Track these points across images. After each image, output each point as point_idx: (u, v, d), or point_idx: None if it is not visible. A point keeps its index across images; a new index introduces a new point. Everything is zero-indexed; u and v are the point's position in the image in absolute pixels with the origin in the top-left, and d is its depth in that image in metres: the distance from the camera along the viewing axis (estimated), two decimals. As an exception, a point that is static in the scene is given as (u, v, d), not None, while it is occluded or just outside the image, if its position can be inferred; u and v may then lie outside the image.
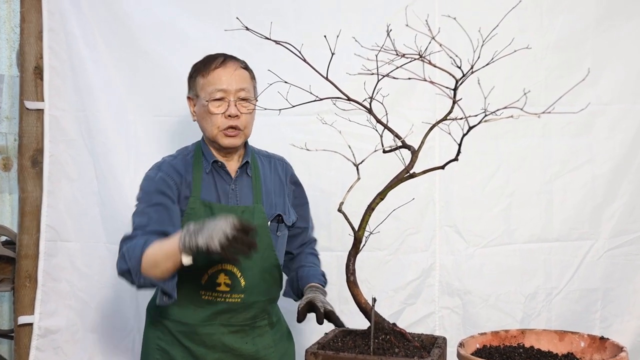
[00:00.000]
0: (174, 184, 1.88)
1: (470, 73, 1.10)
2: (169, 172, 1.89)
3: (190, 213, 1.88)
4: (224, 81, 1.87)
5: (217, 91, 1.87)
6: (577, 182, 2.61)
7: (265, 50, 2.49)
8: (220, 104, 1.87)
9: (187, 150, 1.98)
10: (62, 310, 2.62)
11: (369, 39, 1.24)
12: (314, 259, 2.09)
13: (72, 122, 2.61)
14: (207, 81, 1.89)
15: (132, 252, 1.74)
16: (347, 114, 1.40)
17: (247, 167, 1.96)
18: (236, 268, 1.90)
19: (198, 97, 1.91)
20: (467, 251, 2.61)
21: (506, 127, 2.54)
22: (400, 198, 1.90)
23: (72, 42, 2.57)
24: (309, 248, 2.12)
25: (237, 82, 1.88)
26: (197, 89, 1.91)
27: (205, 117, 1.90)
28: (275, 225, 1.97)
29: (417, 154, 1.24)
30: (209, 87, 1.88)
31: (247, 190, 1.94)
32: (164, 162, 1.93)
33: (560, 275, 2.62)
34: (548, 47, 2.57)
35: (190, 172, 1.92)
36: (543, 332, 1.52)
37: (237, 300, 1.92)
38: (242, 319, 1.95)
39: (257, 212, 1.92)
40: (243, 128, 1.90)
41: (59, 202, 2.61)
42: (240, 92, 1.88)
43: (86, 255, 2.62)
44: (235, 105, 1.87)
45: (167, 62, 2.53)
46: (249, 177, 1.96)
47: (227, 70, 1.89)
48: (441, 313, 2.61)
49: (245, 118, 1.89)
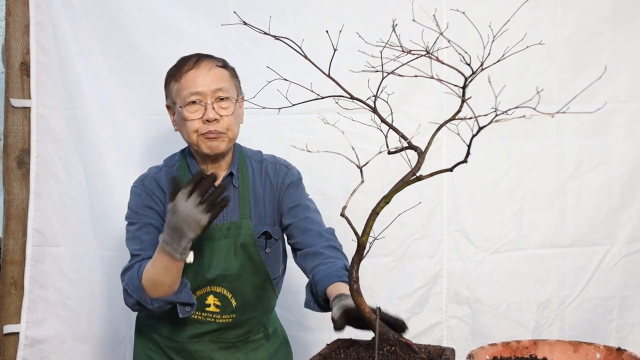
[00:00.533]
0: (159, 201, 1.87)
1: (480, 70, 1.09)
2: (152, 188, 1.88)
3: None
4: (198, 83, 1.80)
5: (192, 95, 1.79)
6: (592, 184, 2.60)
7: (264, 46, 2.50)
8: (196, 108, 1.80)
9: (174, 161, 1.95)
10: (49, 319, 2.62)
11: (373, 34, 1.24)
12: (331, 252, 1.85)
13: (61, 120, 2.60)
14: (180, 85, 1.82)
15: (132, 283, 1.76)
16: (349, 113, 1.40)
17: (233, 177, 1.90)
18: (226, 290, 1.88)
19: (174, 105, 1.85)
20: (476, 257, 2.60)
21: (517, 126, 2.53)
22: (406, 201, 1.89)
23: (61, 36, 2.57)
24: (324, 240, 1.87)
25: (213, 82, 1.81)
26: (173, 95, 1.85)
27: (183, 124, 1.83)
28: (264, 241, 1.91)
29: (424, 155, 1.24)
30: (183, 91, 1.81)
31: (234, 203, 1.89)
32: (147, 176, 1.91)
33: (575, 283, 2.61)
34: (562, 42, 2.56)
35: None
36: (556, 342, 1.51)
37: (228, 321, 1.91)
38: (234, 335, 1.94)
39: (244, 228, 1.87)
40: (225, 131, 1.82)
41: (47, 204, 2.61)
42: (217, 92, 1.81)
43: (75, 260, 2.62)
44: (213, 108, 1.79)
45: (160, 58, 2.53)
46: (236, 189, 1.90)
47: (200, 71, 1.81)
48: (449, 322, 2.61)
49: (227, 120, 1.82)
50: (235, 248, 1.87)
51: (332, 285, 1.65)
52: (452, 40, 1.08)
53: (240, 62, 2.41)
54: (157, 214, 1.86)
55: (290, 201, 1.92)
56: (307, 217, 1.91)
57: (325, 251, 1.81)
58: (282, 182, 1.93)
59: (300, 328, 2.54)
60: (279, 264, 1.99)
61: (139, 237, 1.84)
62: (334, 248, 1.84)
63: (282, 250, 1.99)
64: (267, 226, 1.91)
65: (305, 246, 1.86)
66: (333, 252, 1.82)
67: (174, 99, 1.85)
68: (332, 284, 1.66)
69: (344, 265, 1.74)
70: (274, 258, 1.95)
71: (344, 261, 1.79)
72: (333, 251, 1.83)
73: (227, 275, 1.87)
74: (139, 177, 1.93)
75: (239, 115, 1.87)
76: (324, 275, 1.71)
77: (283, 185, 1.93)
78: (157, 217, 1.86)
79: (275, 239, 1.92)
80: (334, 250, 1.83)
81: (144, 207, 1.86)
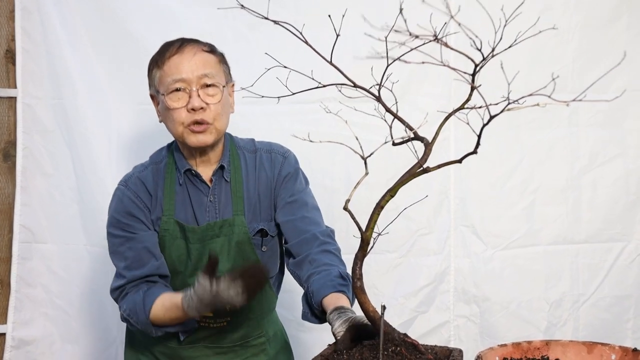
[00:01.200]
0: (143, 206, 1.85)
1: (492, 56, 1.09)
2: (136, 189, 1.86)
3: (165, 236, 1.85)
4: (181, 69, 1.75)
5: (175, 82, 1.75)
6: (607, 177, 2.61)
7: (262, 32, 2.50)
8: (180, 96, 1.76)
9: (161, 156, 1.91)
10: (37, 318, 2.63)
11: (377, 19, 1.24)
12: (326, 258, 1.78)
13: (48, 111, 2.60)
14: (163, 72, 1.78)
15: (137, 318, 1.78)
16: (352, 102, 1.40)
17: (224, 171, 1.87)
18: None
19: (158, 94, 1.82)
20: (485, 254, 2.61)
21: (529, 116, 2.53)
22: (411, 195, 1.89)
23: (48, 22, 2.56)
24: (318, 244, 1.82)
25: (198, 68, 1.76)
26: (156, 83, 1.81)
27: (167, 115, 1.79)
28: (260, 239, 1.88)
29: (431, 146, 1.24)
30: (166, 78, 1.77)
31: (226, 199, 1.86)
32: (131, 177, 1.88)
33: (589, 281, 2.62)
34: (576, 28, 2.56)
35: (160, 186, 1.86)
36: (570, 343, 1.52)
37: (222, 324, 1.90)
38: (230, 340, 1.92)
39: (238, 225, 1.84)
40: (212, 121, 1.77)
41: (34, 199, 2.62)
42: (203, 78, 1.76)
43: (64, 258, 2.63)
44: (198, 96, 1.75)
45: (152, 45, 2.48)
46: (227, 183, 1.86)
47: (184, 56, 1.77)
48: (456, 322, 2.61)
49: (214, 109, 1.77)
50: (228, 247, 1.85)
51: (327, 296, 1.61)
52: (463, 25, 1.09)
53: (236, 48, 2.42)
54: (140, 222, 1.84)
55: (287, 195, 1.88)
56: (303, 217, 1.86)
57: (319, 257, 1.77)
58: (278, 173, 1.89)
59: (300, 328, 2.55)
60: (276, 261, 1.97)
61: (123, 253, 1.84)
62: (329, 253, 1.79)
63: (279, 246, 1.96)
64: (262, 223, 1.88)
65: (298, 253, 1.82)
66: (327, 257, 1.77)
67: (157, 88, 1.82)
68: (327, 295, 1.62)
69: (339, 272, 1.70)
70: (271, 256, 1.92)
71: (340, 267, 1.74)
72: (328, 256, 1.78)
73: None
74: (123, 177, 1.91)
75: (227, 104, 1.83)
76: (318, 286, 1.66)
77: (280, 177, 1.89)
78: (141, 225, 1.84)
79: (271, 236, 1.90)
80: (329, 255, 1.78)
81: (126, 214, 1.84)
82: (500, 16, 1.08)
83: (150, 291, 1.79)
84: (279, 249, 1.97)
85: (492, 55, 1.09)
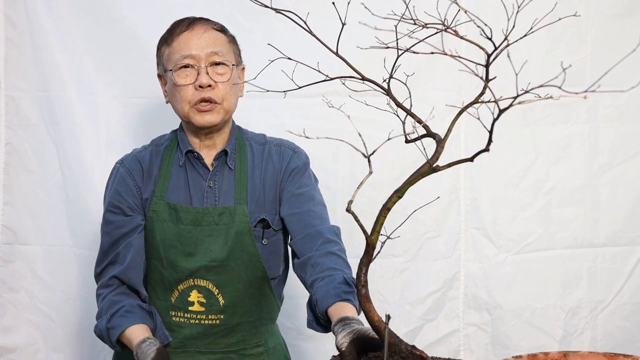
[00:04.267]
0: (134, 184, 1.90)
1: (506, 45, 1.07)
2: (131, 167, 1.91)
3: (152, 217, 1.87)
4: (191, 45, 1.83)
5: (184, 58, 1.82)
6: (628, 176, 2.60)
7: (260, 21, 2.49)
8: (188, 72, 1.83)
9: (163, 140, 1.97)
10: (20, 325, 2.62)
11: (382, 7, 1.22)
12: (329, 261, 1.76)
13: (33, 104, 2.60)
14: (172, 49, 1.85)
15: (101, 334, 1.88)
16: (359, 97, 1.38)
17: (228, 157, 1.90)
18: (212, 284, 1.86)
19: (166, 72, 1.88)
20: (497, 258, 2.60)
21: (544, 112, 2.53)
22: (419, 195, 1.88)
23: (32, 9, 2.55)
24: (322, 244, 1.80)
25: (208, 45, 1.83)
26: (164, 61, 1.88)
27: (174, 93, 1.85)
28: (260, 231, 1.89)
29: (443, 143, 1.22)
30: (174, 55, 1.84)
31: (228, 186, 1.89)
32: (129, 156, 1.95)
33: (608, 287, 2.61)
34: (595, 16, 2.54)
35: (156, 165, 1.90)
36: (589, 354, 1.50)
37: (215, 322, 1.89)
38: (224, 344, 1.91)
39: (239, 214, 1.86)
40: (220, 101, 1.83)
41: (17, 198, 2.61)
42: (212, 56, 1.83)
43: (49, 261, 2.62)
44: (207, 73, 1.82)
45: (144, 34, 2.51)
46: (231, 170, 1.90)
47: (194, 32, 1.84)
48: (466, 331, 2.60)
49: (223, 88, 1.83)
50: (226, 236, 1.85)
51: (332, 306, 1.60)
52: (471, 12, 1.07)
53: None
54: (125, 203, 1.89)
55: (294, 187, 1.90)
56: (310, 210, 1.87)
57: (322, 261, 1.75)
58: (286, 166, 1.92)
59: (300, 336, 2.54)
60: (279, 261, 1.96)
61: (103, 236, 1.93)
62: (333, 255, 1.77)
63: (283, 244, 1.96)
64: (265, 214, 1.89)
65: (302, 252, 1.81)
66: (331, 260, 1.75)
67: (165, 66, 1.87)
68: (332, 304, 1.61)
69: (344, 278, 1.68)
70: (273, 252, 1.92)
71: (344, 271, 1.73)
72: (332, 259, 1.76)
73: (212, 266, 1.85)
74: (123, 156, 1.98)
75: (237, 86, 1.87)
76: (322, 294, 1.65)
77: (287, 169, 1.91)
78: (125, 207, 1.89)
79: (274, 229, 1.91)
80: (333, 258, 1.76)
81: (115, 193, 1.90)
82: (512, 2, 1.06)
83: (114, 321, 1.83)
84: (283, 250, 1.97)
85: (506, 43, 1.07)
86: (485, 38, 1.08)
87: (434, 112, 1.45)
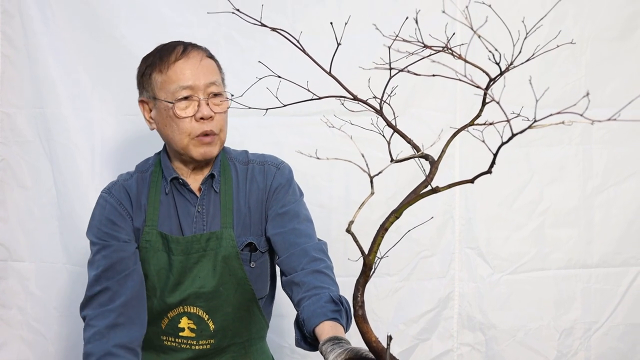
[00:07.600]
0: (126, 213, 1.85)
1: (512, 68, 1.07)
2: (120, 197, 1.86)
3: (146, 247, 1.84)
4: (189, 76, 1.76)
5: (183, 89, 1.76)
6: (621, 197, 2.60)
7: (256, 39, 2.49)
8: (187, 104, 1.77)
9: (147, 165, 1.92)
10: (12, 342, 2.60)
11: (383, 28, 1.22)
12: (315, 280, 1.73)
13: (28, 120, 2.59)
14: (167, 78, 1.78)
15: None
16: (348, 116, 1.37)
17: (214, 180, 1.86)
18: (202, 310, 1.84)
19: (156, 100, 1.81)
20: (491, 278, 2.59)
21: (538, 133, 2.53)
22: (414, 214, 1.87)
23: (29, 26, 2.55)
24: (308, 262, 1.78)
25: (206, 76, 1.78)
26: (154, 88, 1.80)
27: (171, 124, 1.79)
28: (248, 254, 1.86)
29: (437, 164, 1.22)
30: (170, 85, 1.77)
31: (215, 210, 1.85)
32: (115, 184, 1.89)
33: (602, 308, 2.61)
34: (589, 38, 2.56)
35: (144, 194, 1.86)
36: (583, 377, 1.49)
37: (206, 347, 1.87)
38: None
39: (225, 239, 1.83)
40: (219, 132, 1.80)
41: (11, 214, 2.60)
42: (210, 87, 1.78)
43: (42, 277, 2.60)
44: (207, 105, 1.77)
45: (139, 51, 2.48)
46: (217, 194, 1.86)
47: (190, 61, 1.78)
48: (460, 351, 2.59)
49: (220, 119, 1.80)
50: (214, 262, 1.83)
51: (319, 326, 1.59)
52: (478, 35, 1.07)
53: (229, 56, 2.42)
54: (121, 230, 1.83)
55: (278, 206, 1.86)
56: (294, 229, 1.84)
57: (308, 280, 1.72)
58: (270, 184, 1.88)
59: (293, 355, 2.52)
60: (266, 281, 1.94)
61: (97, 261, 1.83)
62: (319, 273, 1.74)
63: (269, 265, 1.94)
64: (252, 237, 1.86)
65: (289, 270, 1.79)
66: (318, 279, 1.72)
67: (155, 94, 1.80)
68: (319, 323, 1.59)
69: (330, 297, 1.65)
70: (260, 274, 1.90)
71: (331, 289, 1.70)
72: (318, 278, 1.73)
73: (202, 293, 1.83)
74: (107, 185, 1.91)
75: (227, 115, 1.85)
76: (309, 313, 1.63)
77: (271, 188, 1.88)
78: (121, 235, 1.83)
79: (261, 251, 1.88)
80: (319, 276, 1.73)
81: (108, 222, 1.83)
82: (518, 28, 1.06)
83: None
84: (270, 269, 1.95)
85: (511, 67, 1.07)
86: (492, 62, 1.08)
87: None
